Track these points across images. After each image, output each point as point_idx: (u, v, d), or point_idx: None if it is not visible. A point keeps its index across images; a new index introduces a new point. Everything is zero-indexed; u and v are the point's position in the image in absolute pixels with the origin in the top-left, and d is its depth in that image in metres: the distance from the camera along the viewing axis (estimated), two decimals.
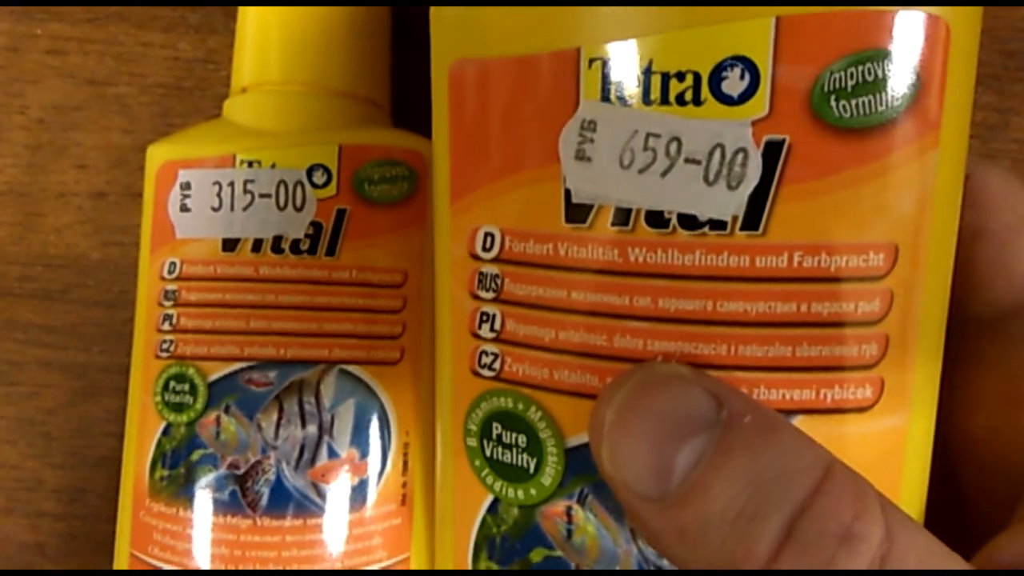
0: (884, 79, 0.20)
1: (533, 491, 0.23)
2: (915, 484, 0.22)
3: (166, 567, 0.31)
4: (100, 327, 0.40)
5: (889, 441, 0.21)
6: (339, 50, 0.33)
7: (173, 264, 0.32)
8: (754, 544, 0.18)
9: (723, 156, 0.20)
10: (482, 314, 0.23)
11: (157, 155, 0.33)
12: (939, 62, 0.20)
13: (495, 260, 0.23)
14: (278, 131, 0.32)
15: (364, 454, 0.32)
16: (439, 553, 0.26)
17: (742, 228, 0.20)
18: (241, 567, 0.30)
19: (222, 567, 0.30)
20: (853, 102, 0.20)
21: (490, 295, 0.23)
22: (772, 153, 0.20)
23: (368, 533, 0.31)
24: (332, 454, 0.31)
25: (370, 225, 0.32)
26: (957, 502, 0.24)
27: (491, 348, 0.23)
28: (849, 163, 0.20)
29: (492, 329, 0.23)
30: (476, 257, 0.23)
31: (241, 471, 0.31)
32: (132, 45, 0.40)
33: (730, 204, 0.20)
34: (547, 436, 0.23)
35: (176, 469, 0.31)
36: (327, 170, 0.31)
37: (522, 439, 0.23)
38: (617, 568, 0.22)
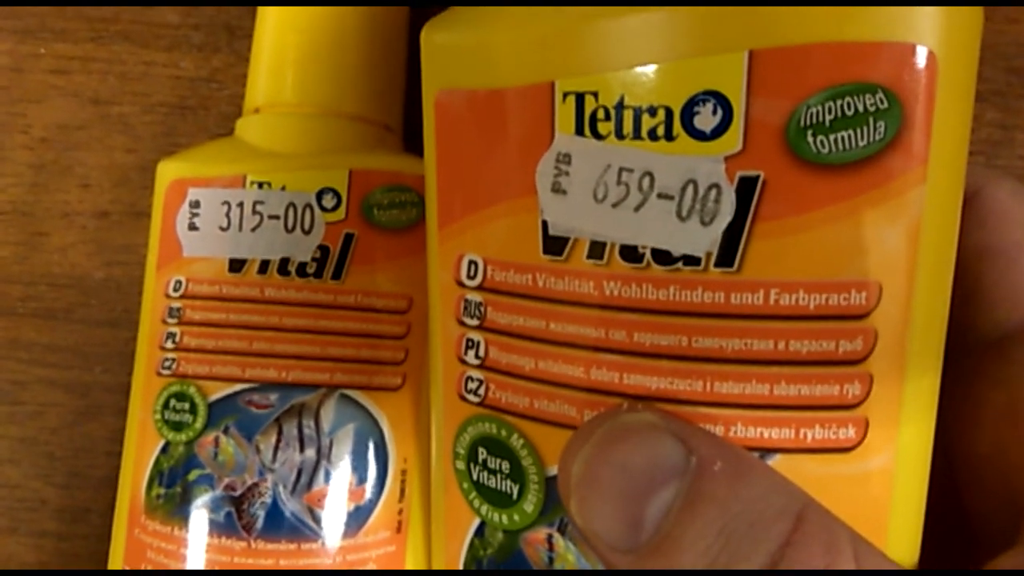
0: (864, 113, 0.19)
1: (516, 517, 0.24)
2: (905, 524, 0.22)
3: None
4: (103, 347, 0.40)
5: (876, 482, 0.21)
6: (353, 74, 0.34)
7: (179, 282, 0.33)
8: None
9: (696, 192, 0.20)
10: (468, 340, 0.24)
11: (167, 172, 0.34)
12: (925, 94, 0.20)
13: (479, 288, 0.24)
14: (289, 153, 0.33)
15: (361, 480, 0.32)
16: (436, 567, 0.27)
17: (716, 264, 0.20)
18: None
19: None
20: (831, 137, 0.19)
21: (475, 322, 0.24)
22: (746, 189, 0.20)
23: (362, 559, 0.32)
24: (329, 479, 0.32)
25: (377, 250, 0.33)
26: (960, 521, 0.25)
27: (476, 374, 0.24)
28: (827, 199, 0.20)
29: (477, 356, 0.24)
30: (461, 284, 0.24)
31: (237, 493, 0.31)
32: (135, 64, 0.41)
33: (704, 240, 0.20)
34: (529, 464, 0.23)
35: (173, 488, 0.32)
36: (337, 194, 0.32)
37: (505, 465, 0.24)
38: None
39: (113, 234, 0.41)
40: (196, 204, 0.33)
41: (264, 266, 0.32)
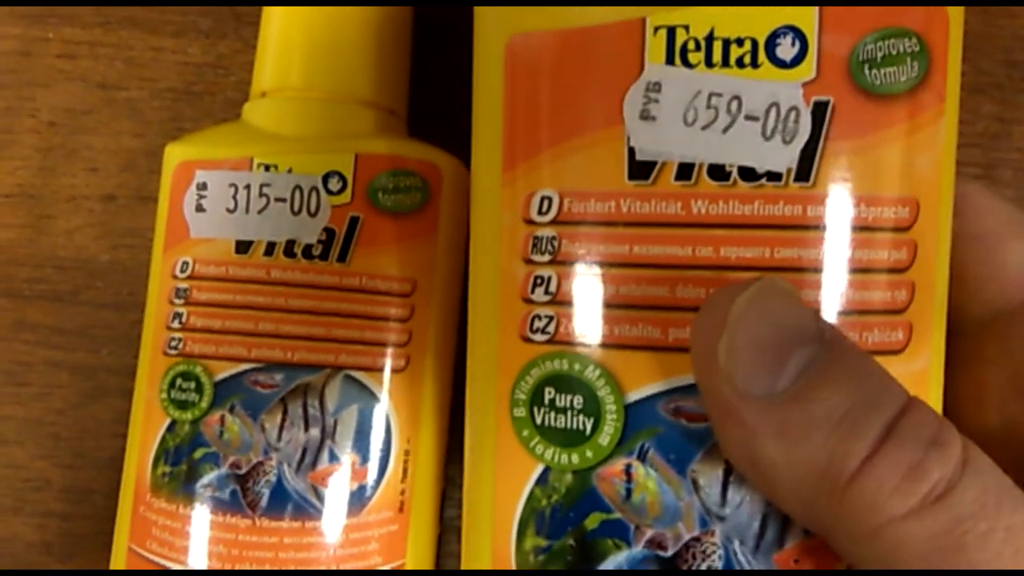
0: (903, 53, 0.23)
1: (589, 453, 0.24)
2: None
3: (163, 562, 0.32)
4: (109, 329, 0.41)
5: (917, 383, 0.23)
6: (360, 59, 0.35)
7: (186, 263, 0.33)
8: (856, 442, 0.20)
9: (778, 113, 0.23)
10: (536, 278, 0.25)
11: (175, 154, 0.35)
12: (942, 47, 0.23)
13: (552, 223, 0.25)
14: (296, 136, 0.34)
15: (365, 460, 0.33)
16: (472, 539, 0.26)
17: (795, 180, 0.23)
18: (238, 566, 0.32)
19: (219, 566, 0.32)
20: (882, 71, 0.23)
21: (545, 258, 0.25)
22: (819, 112, 0.23)
23: (365, 538, 0.33)
24: (333, 458, 0.33)
25: (382, 234, 0.33)
26: None
27: (545, 311, 0.25)
28: (880, 125, 0.23)
29: (547, 292, 0.25)
30: (531, 222, 0.25)
31: (242, 471, 0.32)
32: (143, 49, 0.42)
33: (785, 157, 0.23)
34: (606, 394, 0.24)
35: (178, 466, 0.33)
36: (343, 177, 0.33)
37: (578, 400, 0.24)
38: (680, 523, 0.23)
39: (120, 218, 0.42)
40: (203, 186, 0.33)
41: (270, 248, 0.33)
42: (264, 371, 0.33)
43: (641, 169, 0.24)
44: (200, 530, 0.32)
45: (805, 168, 0.23)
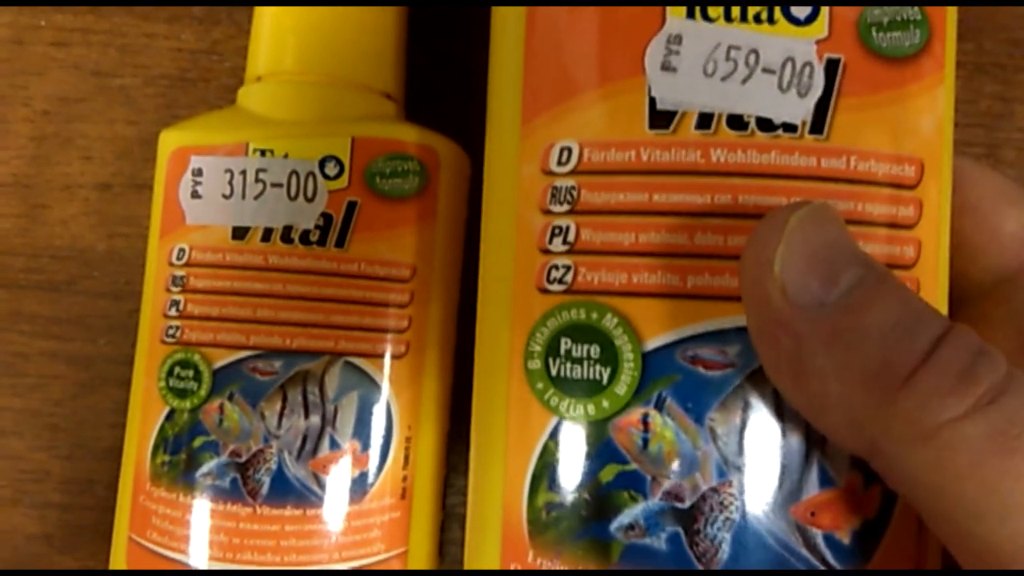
0: (907, 20, 0.24)
1: (606, 403, 0.24)
2: None
3: (164, 552, 0.32)
4: (106, 318, 0.41)
5: None
6: (355, 42, 0.35)
7: (182, 250, 0.33)
8: (908, 349, 0.20)
9: (794, 68, 0.24)
10: (554, 228, 0.25)
11: (169, 141, 0.34)
12: (941, 18, 0.25)
13: (571, 173, 0.25)
14: (292, 121, 0.34)
15: (366, 447, 0.33)
16: (481, 500, 0.26)
17: (810, 132, 0.24)
18: (239, 555, 0.32)
19: (220, 555, 0.32)
20: (888, 35, 0.24)
21: (564, 208, 0.25)
22: (832, 68, 0.24)
23: (367, 525, 0.33)
24: (334, 445, 0.32)
25: (380, 219, 0.33)
26: None
27: (563, 261, 0.25)
28: (888, 84, 0.24)
29: (565, 242, 0.25)
30: (550, 172, 0.25)
31: (243, 459, 0.32)
32: (136, 36, 0.42)
33: (800, 109, 0.24)
34: (623, 343, 0.24)
35: (178, 455, 0.33)
36: (339, 162, 0.33)
37: (595, 350, 0.24)
38: (697, 474, 0.24)
39: (115, 206, 0.41)
40: (199, 172, 0.33)
41: (267, 234, 0.33)
42: (263, 358, 0.32)
43: (661, 118, 0.24)
44: (201, 519, 0.32)
45: (819, 121, 0.24)
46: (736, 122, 0.24)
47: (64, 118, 0.42)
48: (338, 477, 0.32)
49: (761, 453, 0.23)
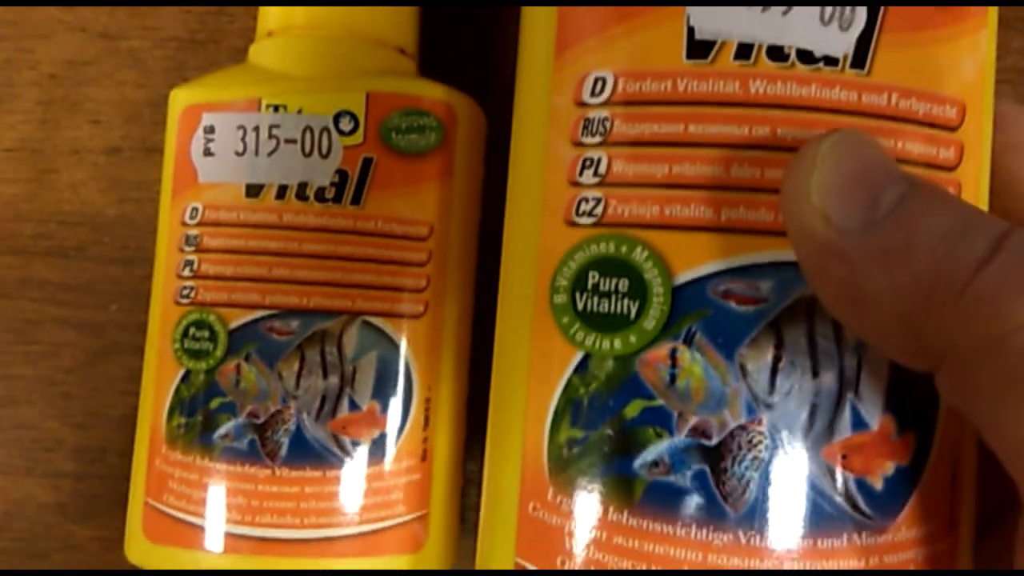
0: None
1: (633, 338, 0.24)
2: None
3: (181, 516, 0.32)
4: (117, 285, 0.41)
5: None
6: None
7: (195, 209, 0.33)
8: (966, 252, 0.19)
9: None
10: (585, 160, 0.24)
11: (180, 99, 0.34)
12: None
13: (605, 103, 0.24)
14: (305, 76, 0.33)
15: (385, 407, 0.32)
16: (501, 437, 0.26)
17: (851, 66, 0.23)
18: (258, 518, 0.31)
19: (239, 518, 0.31)
20: None
21: (597, 139, 0.24)
22: (874, 4, 0.23)
23: (387, 487, 0.32)
24: (353, 406, 0.32)
25: (397, 175, 0.33)
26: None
27: (593, 193, 0.24)
28: (930, 24, 0.24)
29: (596, 174, 0.24)
30: (583, 104, 0.25)
31: (260, 420, 0.32)
32: None
33: (842, 43, 0.23)
34: (653, 276, 0.24)
35: (194, 417, 0.32)
36: (354, 117, 0.32)
37: (623, 284, 0.24)
38: (725, 411, 0.23)
39: (125, 170, 0.41)
40: (211, 129, 0.33)
41: (282, 191, 0.32)
42: (280, 318, 0.32)
43: (700, 48, 0.24)
44: (218, 481, 0.32)
45: (861, 56, 0.23)
46: (776, 53, 0.23)
47: (72, 81, 0.41)
48: (358, 438, 0.32)
49: (792, 391, 0.23)
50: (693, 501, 0.23)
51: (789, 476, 0.23)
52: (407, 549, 0.33)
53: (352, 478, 0.32)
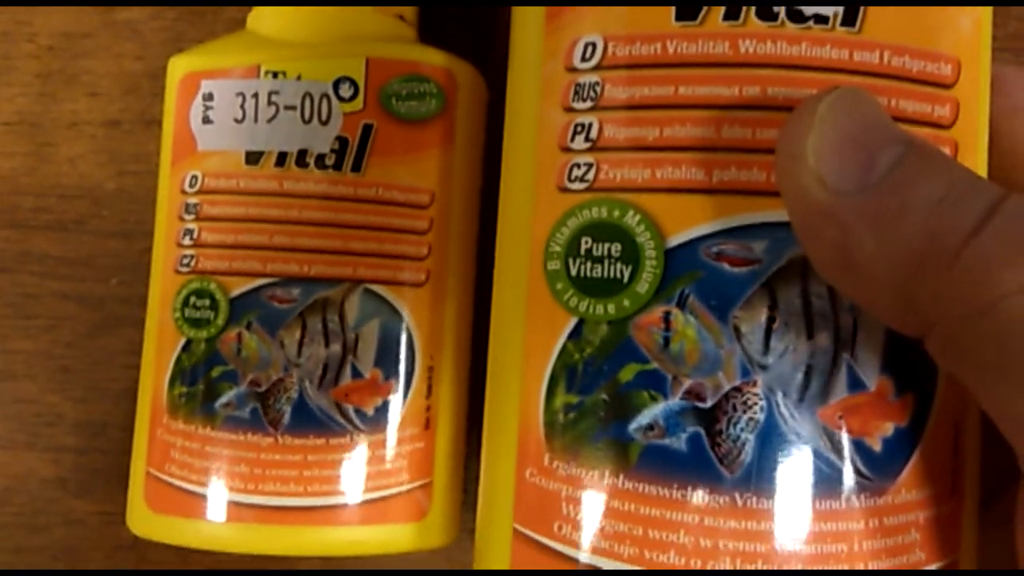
0: None
1: (627, 302, 0.24)
2: None
3: (184, 485, 0.32)
4: (117, 258, 0.40)
5: None
6: None
7: (195, 177, 0.33)
8: (958, 218, 0.19)
9: None
10: (576, 125, 0.24)
11: (179, 66, 0.34)
12: None
13: (595, 68, 0.24)
14: (304, 42, 0.33)
15: (388, 375, 0.32)
16: (497, 404, 0.26)
17: (842, 24, 0.23)
18: (261, 486, 0.31)
19: (242, 486, 0.31)
20: None
21: (587, 104, 0.24)
22: None
23: (391, 455, 0.32)
24: (356, 374, 0.32)
25: (397, 142, 0.32)
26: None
27: (585, 159, 0.24)
28: None
29: (587, 139, 0.24)
30: (573, 69, 0.24)
31: (263, 388, 0.32)
32: None
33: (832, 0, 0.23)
34: (645, 240, 0.23)
35: (195, 386, 0.32)
36: (354, 83, 0.32)
37: (616, 248, 0.24)
38: (720, 373, 0.23)
39: (124, 143, 0.41)
40: (209, 97, 0.33)
41: (282, 158, 0.32)
42: (281, 286, 0.32)
43: (688, 10, 0.23)
44: (221, 450, 0.32)
45: (851, 13, 0.23)
46: (765, 12, 0.23)
47: (70, 54, 0.41)
48: (361, 406, 0.32)
49: (787, 352, 0.23)
50: (689, 463, 0.23)
51: (785, 437, 0.23)
52: (411, 517, 0.33)
53: (355, 446, 0.32)
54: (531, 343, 0.25)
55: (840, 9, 0.23)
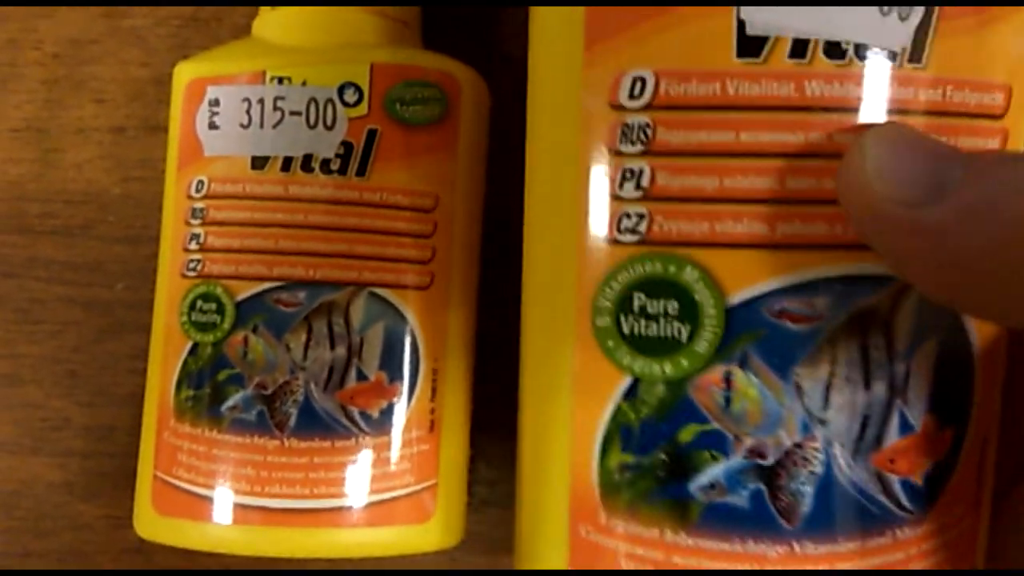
0: None
1: (685, 362, 0.23)
2: None
3: (191, 488, 0.32)
4: (123, 263, 0.41)
5: None
6: None
7: (201, 182, 0.33)
8: None
9: None
10: (625, 171, 0.23)
11: (185, 72, 0.34)
12: None
13: (645, 108, 0.22)
14: (309, 48, 0.33)
15: (393, 378, 0.33)
16: (543, 461, 0.25)
17: (909, 61, 0.21)
18: (268, 489, 0.31)
19: (248, 489, 0.32)
20: None
21: (637, 148, 0.23)
22: None
23: (396, 457, 0.32)
24: (361, 377, 0.32)
25: (401, 147, 0.33)
26: None
27: (636, 208, 0.23)
28: (980, 8, 0.22)
29: (638, 187, 0.23)
30: (620, 107, 0.23)
31: (269, 391, 0.32)
32: None
33: (901, 35, 0.21)
34: (705, 297, 0.22)
35: (202, 389, 0.32)
36: (359, 89, 0.32)
37: (673, 306, 0.23)
38: (781, 430, 0.22)
39: (129, 149, 0.41)
40: (216, 102, 0.33)
41: (287, 163, 0.32)
42: (286, 289, 0.32)
43: (752, 45, 0.22)
44: (228, 453, 0.32)
45: (918, 48, 0.22)
46: (833, 50, 0.21)
47: (76, 61, 0.41)
48: (366, 408, 0.32)
49: (846, 406, 0.22)
50: (749, 519, 0.23)
51: (841, 487, 0.22)
52: (416, 519, 0.33)
53: (361, 448, 0.32)
54: (581, 400, 0.24)
55: (909, 42, 0.21)
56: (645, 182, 0.23)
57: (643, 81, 0.22)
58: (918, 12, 0.21)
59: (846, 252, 0.22)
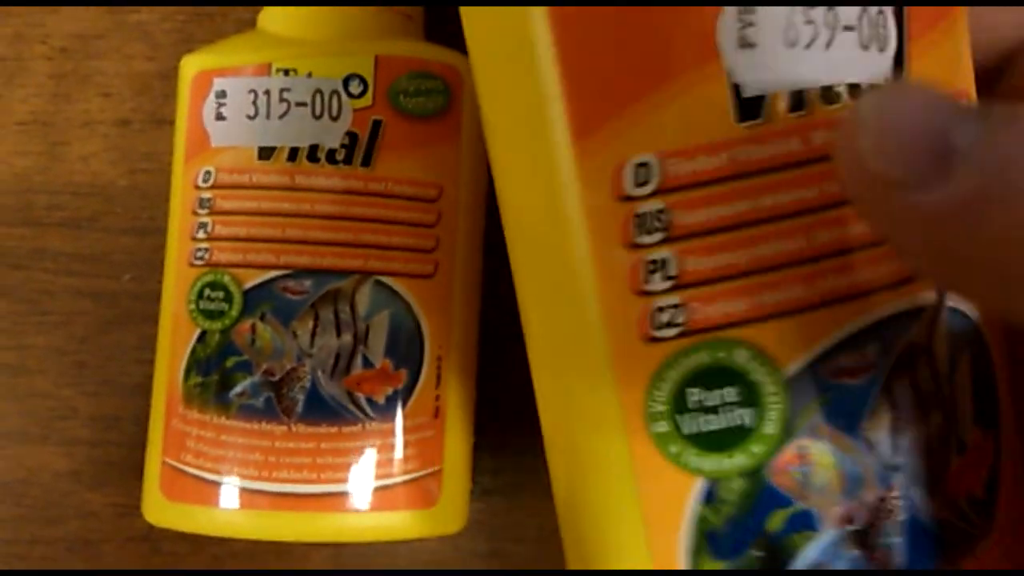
0: None
1: (756, 448, 0.21)
2: None
3: (200, 473, 0.32)
4: (130, 255, 0.41)
5: None
6: None
7: (208, 173, 0.33)
8: None
9: (871, 20, 0.21)
10: (649, 263, 0.21)
11: (191, 65, 0.34)
12: None
13: (656, 193, 0.21)
14: (314, 40, 0.34)
15: (398, 365, 0.33)
16: None
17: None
18: (275, 474, 0.32)
19: (256, 474, 0.32)
20: None
21: (657, 237, 0.21)
22: (899, 11, 0.21)
23: (401, 443, 0.33)
24: (367, 364, 0.33)
25: (405, 137, 0.33)
26: None
27: (669, 300, 0.21)
28: (936, 17, 0.22)
29: (667, 277, 0.21)
30: (628, 198, 0.21)
31: (276, 378, 0.32)
32: None
33: (882, 67, 0.21)
34: (762, 376, 0.21)
35: (210, 376, 0.33)
36: (363, 80, 0.33)
37: (731, 392, 0.21)
38: (863, 490, 0.21)
39: (135, 142, 0.41)
40: (222, 94, 0.33)
41: (293, 153, 0.33)
42: (293, 277, 0.33)
43: (751, 106, 0.21)
44: (235, 439, 0.32)
45: (899, 74, 0.21)
46: (829, 95, 0.21)
47: (82, 55, 0.42)
48: (372, 395, 0.33)
49: (914, 446, 0.22)
50: None
51: (923, 525, 0.22)
52: (420, 504, 0.33)
53: (367, 434, 0.33)
54: (654, 516, 0.22)
55: (889, 74, 0.21)
56: (673, 270, 0.21)
57: (647, 166, 0.21)
58: (892, 41, 0.21)
59: (882, 294, 0.21)
